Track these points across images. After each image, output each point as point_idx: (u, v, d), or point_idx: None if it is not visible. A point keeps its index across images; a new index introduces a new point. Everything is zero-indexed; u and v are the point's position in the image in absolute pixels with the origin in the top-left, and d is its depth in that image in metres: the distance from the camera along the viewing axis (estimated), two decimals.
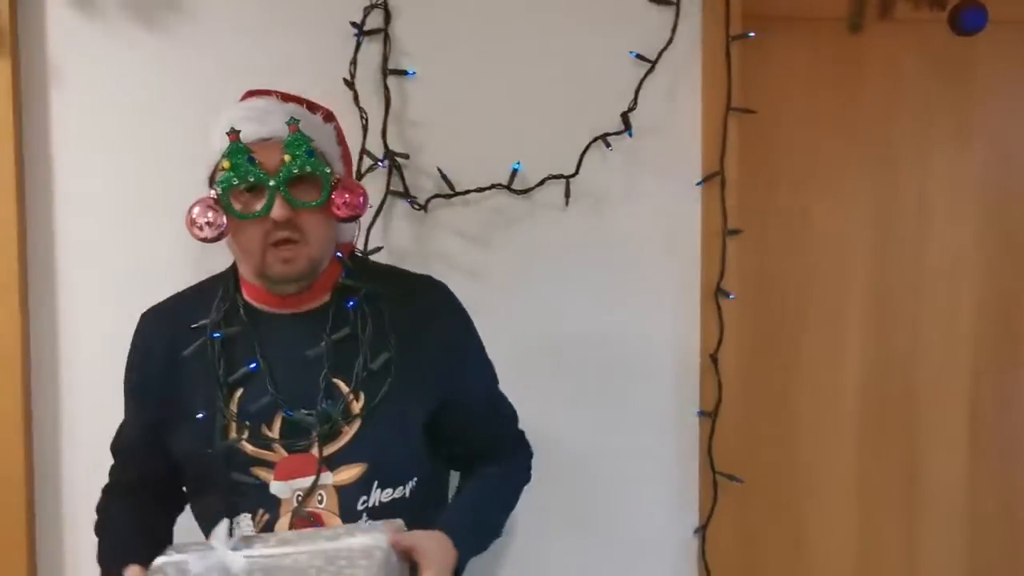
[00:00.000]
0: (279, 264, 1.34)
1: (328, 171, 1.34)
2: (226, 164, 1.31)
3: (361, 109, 1.80)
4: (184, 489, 1.51)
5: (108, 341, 1.79)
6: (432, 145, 1.85)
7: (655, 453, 1.99)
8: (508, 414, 1.59)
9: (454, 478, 1.58)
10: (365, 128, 1.81)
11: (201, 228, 1.33)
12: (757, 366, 2.06)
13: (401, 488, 1.39)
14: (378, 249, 1.81)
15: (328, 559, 1.20)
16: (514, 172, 1.86)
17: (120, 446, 1.52)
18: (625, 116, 1.88)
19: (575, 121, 1.88)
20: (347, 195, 1.35)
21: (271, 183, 1.30)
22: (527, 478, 1.60)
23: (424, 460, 1.44)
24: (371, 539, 1.23)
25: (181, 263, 1.78)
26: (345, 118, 1.78)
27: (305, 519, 1.34)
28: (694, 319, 1.98)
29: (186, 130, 1.78)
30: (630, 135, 1.89)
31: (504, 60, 1.87)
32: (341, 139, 1.47)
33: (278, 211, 1.30)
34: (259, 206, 1.31)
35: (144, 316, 1.48)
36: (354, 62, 1.81)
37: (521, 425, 1.62)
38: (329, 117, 1.46)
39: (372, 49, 1.82)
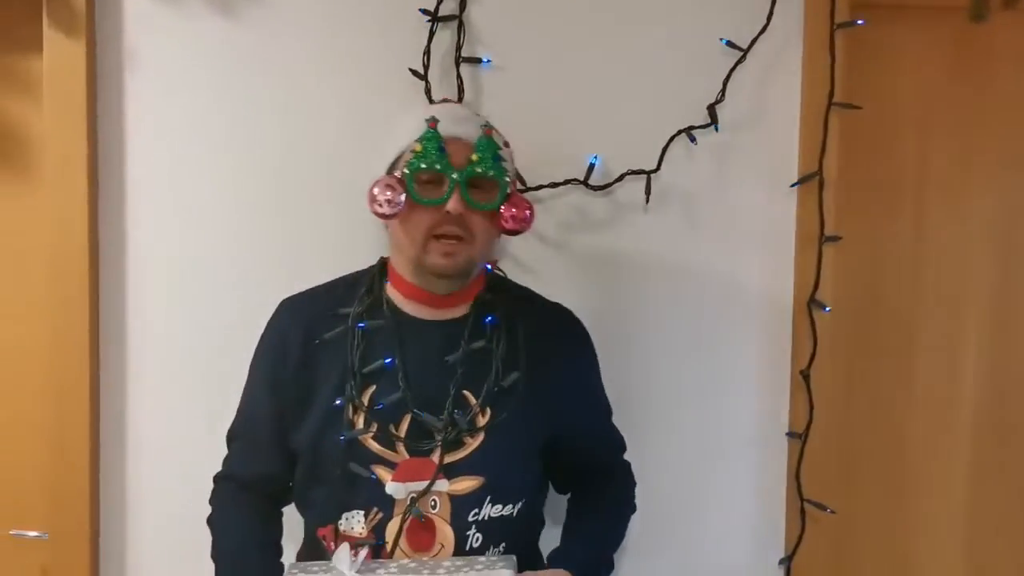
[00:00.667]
0: (440, 256, 1.39)
1: (507, 180, 1.40)
2: (418, 147, 1.37)
3: (432, 101, 1.73)
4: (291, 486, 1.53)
5: (175, 327, 1.82)
6: (505, 138, 1.77)
7: (739, 476, 1.85)
8: (617, 445, 1.62)
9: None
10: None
11: (381, 205, 1.38)
12: (855, 386, 1.89)
13: (511, 507, 1.43)
14: None
15: None
16: (591, 167, 1.76)
17: (240, 432, 1.54)
18: (712, 109, 1.75)
19: (658, 113, 1.77)
20: (515, 209, 1.41)
21: (454, 175, 1.36)
22: (633, 508, 1.62)
23: (534, 482, 1.49)
24: (495, 572, 1.31)
25: (249, 249, 1.78)
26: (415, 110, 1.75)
27: (419, 521, 1.38)
28: (785, 332, 1.83)
29: (259, 116, 1.78)
30: (716, 129, 1.76)
31: (583, 47, 1.77)
32: (512, 161, 1.50)
33: (454, 204, 1.36)
34: (438, 194, 1.37)
35: (282, 305, 1.52)
36: (427, 51, 1.75)
37: None
38: (507, 143, 1.49)
39: (444, 37, 1.75)
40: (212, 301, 1.80)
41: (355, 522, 1.39)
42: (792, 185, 1.79)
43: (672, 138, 1.76)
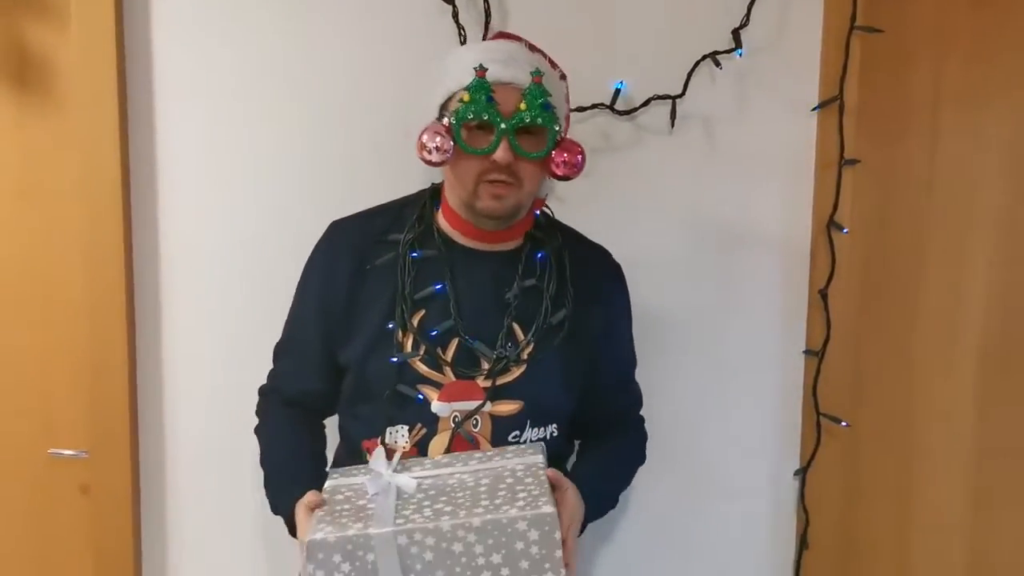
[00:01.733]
0: (489, 199, 1.40)
1: (557, 128, 1.39)
2: (466, 97, 1.37)
3: (460, 25, 1.75)
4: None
5: (207, 245, 1.85)
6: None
7: (758, 392, 1.93)
8: (636, 397, 1.66)
9: None
10: (463, 45, 1.76)
11: (430, 152, 1.38)
12: (870, 305, 1.95)
13: (550, 430, 1.49)
14: None
15: (495, 477, 1.32)
16: (617, 92, 1.78)
17: (287, 349, 1.58)
18: (736, 33, 1.77)
19: (682, 38, 1.79)
20: (566, 154, 1.41)
21: (503, 125, 1.36)
22: (643, 459, 1.66)
23: (568, 411, 1.53)
24: (531, 459, 1.36)
25: (285, 165, 1.80)
26: (444, 34, 1.76)
27: (465, 439, 1.44)
28: (804, 253, 1.89)
29: (290, 40, 1.79)
30: (740, 54, 1.78)
31: None
32: (568, 98, 1.50)
33: (502, 154, 1.36)
34: (485, 144, 1.37)
35: (332, 227, 1.54)
36: None
37: None
38: (563, 76, 1.49)
39: None
40: (244, 216, 1.83)
41: (399, 436, 1.45)
42: (813, 109, 1.83)
43: (697, 63, 1.78)
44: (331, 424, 1.60)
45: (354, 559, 1.23)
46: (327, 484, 1.39)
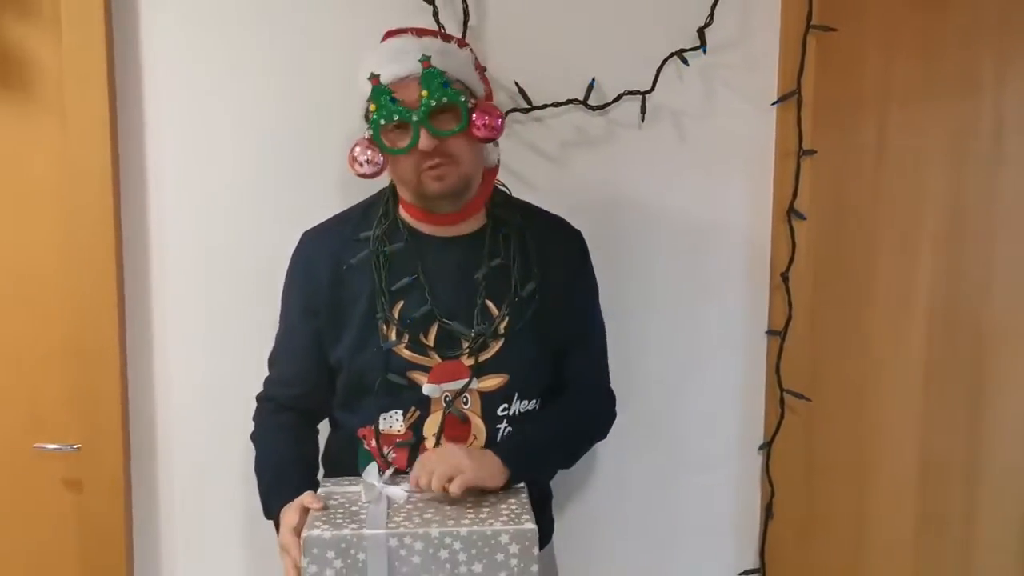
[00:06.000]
0: (433, 182, 1.47)
1: (463, 99, 1.44)
2: (372, 107, 1.44)
3: (440, 25, 1.82)
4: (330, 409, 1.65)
5: (196, 240, 1.90)
6: (509, 61, 1.86)
7: (724, 370, 2.03)
8: (605, 372, 1.71)
9: None
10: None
11: (362, 165, 1.47)
12: (828, 287, 2.06)
13: (533, 402, 1.58)
14: None
15: (480, 494, 1.41)
16: (590, 87, 1.87)
17: (280, 357, 1.64)
18: (701, 32, 1.88)
19: (651, 37, 1.89)
20: (486, 117, 1.46)
21: (414, 118, 1.42)
22: (602, 435, 1.72)
23: (550, 380, 1.61)
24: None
25: (266, 162, 1.85)
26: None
27: (457, 417, 1.52)
28: (766, 239, 1.99)
29: (272, 42, 1.85)
30: (704, 52, 1.88)
31: None
32: (477, 63, 1.56)
33: (424, 142, 1.43)
34: (407, 140, 1.43)
35: (305, 236, 1.62)
36: None
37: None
38: (462, 43, 1.56)
39: None
40: (233, 213, 1.89)
41: (394, 420, 1.53)
42: (773, 103, 1.94)
43: (665, 60, 1.88)
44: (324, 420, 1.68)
45: (346, 557, 1.30)
46: (320, 491, 1.46)
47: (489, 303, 1.53)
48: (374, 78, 1.43)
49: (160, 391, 1.93)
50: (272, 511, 1.52)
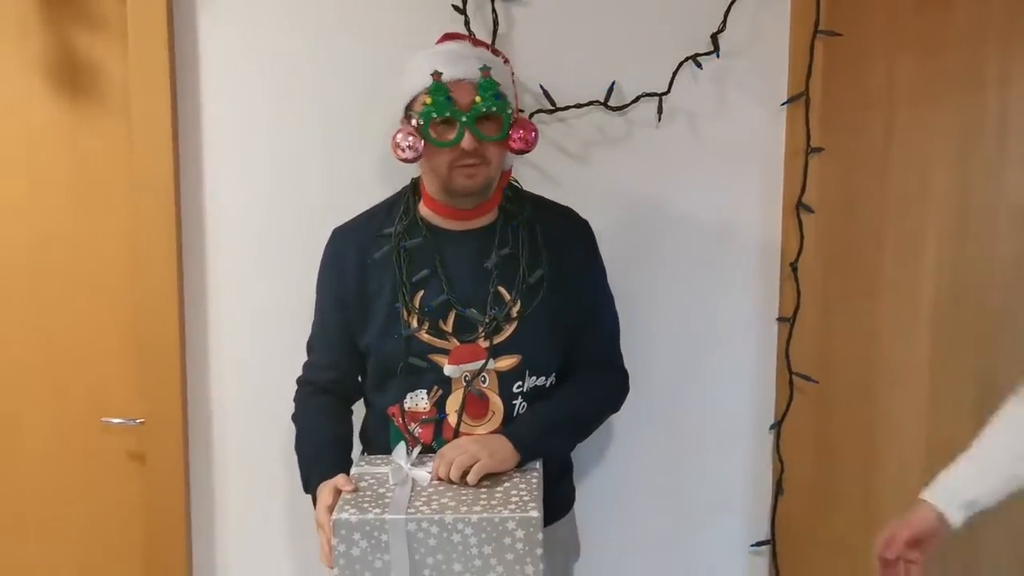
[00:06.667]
0: (463, 179, 1.60)
1: (510, 111, 1.60)
2: (428, 100, 1.57)
3: (471, 32, 1.96)
4: (363, 392, 1.80)
5: (251, 228, 2.07)
6: (535, 65, 2.00)
7: (737, 355, 2.15)
8: (608, 345, 1.80)
9: None
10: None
11: (404, 151, 1.59)
12: (835, 277, 2.16)
13: (544, 378, 1.70)
14: None
15: (495, 479, 1.54)
16: (610, 89, 2.00)
17: (315, 344, 1.80)
18: (714, 38, 2.00)
19: (667, 42, 2.01)
20: (522, 131, 1.63)
21: (463, 119, 1.56)
22: (614, 409, 1.83)
23: (561, 360, 1.73)
24: (528, 467, 1.59)
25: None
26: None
27: (477, 395, 1.65)
28: (776, 231, 2.10)
29: (322, 49, 2.00)
30: (717, 56, 2.00)
31: None
32: (514, 80, 1.71)
33: (467, 142, 1.56)
34: (451, 136, 1.57)
35: (335, 233, 1.77)
36: None
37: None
38: (506, 60, 1.70)
39: None
40: (285, 207, 2.06)
41: (419, 399, 1.67)
42: (782, 104, 2.05)
43: (680, 64, 2.00)
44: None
45: (370, 537, 1.44)
46: (354, 471, 1.61)
47: (502, 289, 1.65)
48: (437, 74, 1.56)
49: (214, 371, 2.11)
50: (310, 487, 1.66)
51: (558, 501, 1.78)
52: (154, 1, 1.95)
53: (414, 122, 1.59)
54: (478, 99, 1.57)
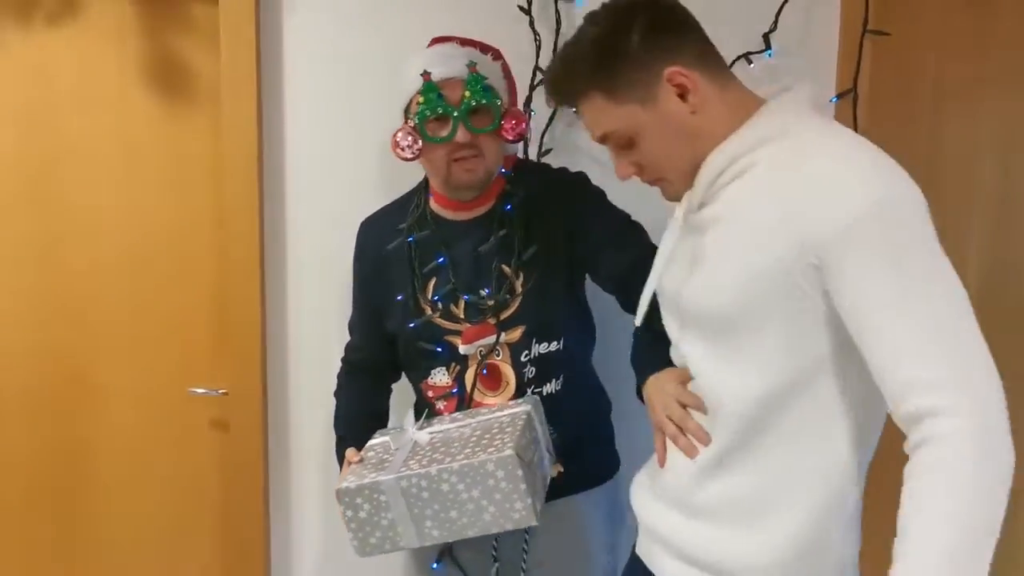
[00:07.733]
0: (463, 173, 1.71)
1: (499, 103, 1.69)
2: (420, 100, 1.67)
3: (535, 32, 2.09)
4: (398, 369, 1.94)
5: (327, 219, 2.23)
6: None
7: None
8: (643, 248, 1.73)
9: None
10: (538, 48, 2.10)
11: (403, 149, 1.72)
12: None
13: (555, 343, 1.76)
14: (549, 151, 2.13)
15: (485, 428, 1.63)
16: None
17: (353, 326, 1.96)
18: (766, 37, 2.09)
19: (720, 41, 2.02)
20: (514, 121, 1.72)
21: (455, 114, 1.66)
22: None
23: (572, 322, 1.81)
24: (518, 410, 1.65)
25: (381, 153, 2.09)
26: (522, 40, 2.11)
27: (483, 373, 1.76)
28: None
29: (394, 50, 2.15)
30: (769, 55, 2.10)
31: None
32: (507, 74, 1.82)
33: (461, 135, 1.67)
34: (445, 132, 1.67)
35: (362, 224, 1.93)
36: None
37: None
38: (497, 56, 1.81)
39: None
40: (358, 196, 2.17)
41: (441, 375, 1.80)
42: (832, 100, 2.13)
43: (733, 62, 2.09)
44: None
45: (371, 500, 1.58)
46: (371, 441, 1.77)
47: (505, 268, 1.75)
48: (426, 74, 1.66)
49: (292, 346, 2.28)
50: (338, 457, 1.84)
51: (592, 468, 1.86)
52: (244, 6, 2.12)
53: (411, 122, 1.70)
54: (467, 94, 1.66)
